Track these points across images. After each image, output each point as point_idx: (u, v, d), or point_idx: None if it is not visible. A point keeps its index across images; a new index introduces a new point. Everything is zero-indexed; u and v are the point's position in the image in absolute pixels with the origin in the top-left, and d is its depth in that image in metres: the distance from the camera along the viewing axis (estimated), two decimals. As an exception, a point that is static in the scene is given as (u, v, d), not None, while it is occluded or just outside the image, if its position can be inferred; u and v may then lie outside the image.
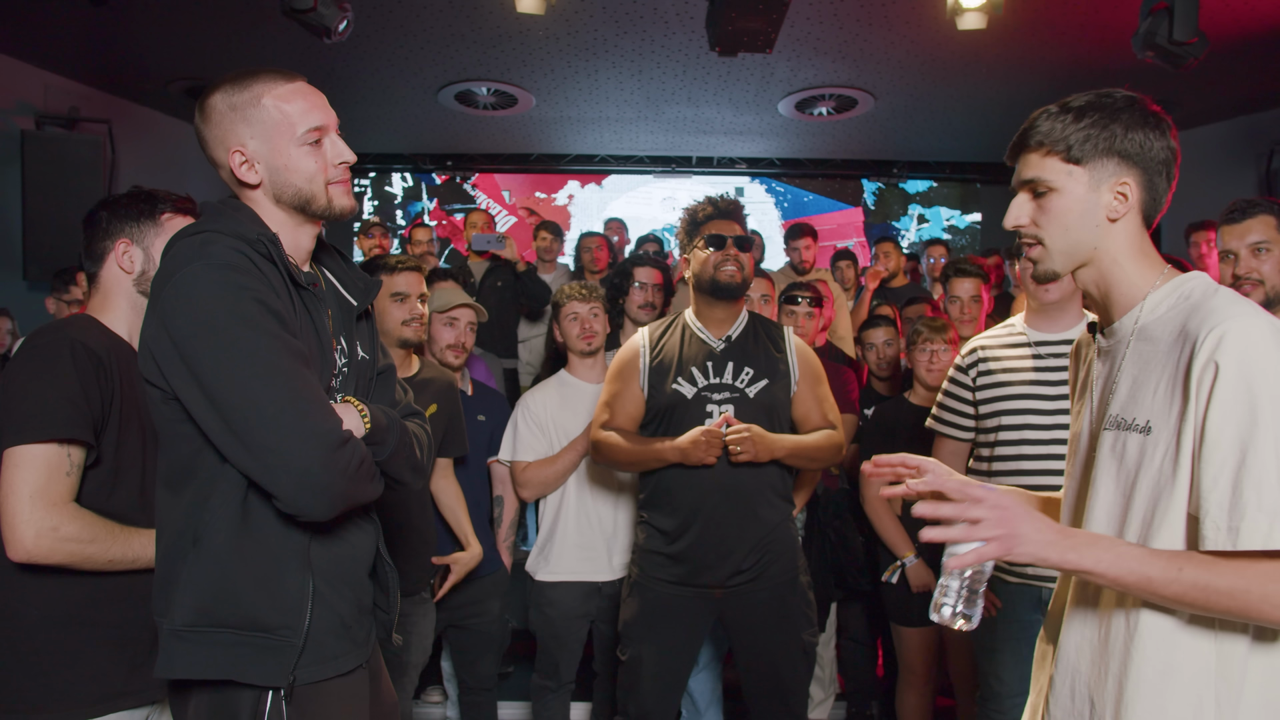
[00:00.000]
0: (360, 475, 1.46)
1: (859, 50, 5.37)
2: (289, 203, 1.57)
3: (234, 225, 1.50)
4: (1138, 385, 1.37)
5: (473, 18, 4.96)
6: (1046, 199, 1.42)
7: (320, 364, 1.55)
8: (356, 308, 1.72)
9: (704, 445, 2.50)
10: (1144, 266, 1.42)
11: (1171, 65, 3.63)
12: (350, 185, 1.62)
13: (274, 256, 1.50)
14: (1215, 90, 5.83)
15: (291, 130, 1.54)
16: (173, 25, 4.97)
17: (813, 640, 2.70)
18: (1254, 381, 1.22)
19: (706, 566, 2.58)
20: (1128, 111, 1.40)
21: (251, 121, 1.53)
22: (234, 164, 1.54)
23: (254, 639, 1.45)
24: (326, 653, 1.52)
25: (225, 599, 1.45)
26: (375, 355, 1.76)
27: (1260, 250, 2.34)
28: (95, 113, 5.76)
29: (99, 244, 1.91)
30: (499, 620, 3.16)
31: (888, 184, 8.67)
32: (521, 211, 8.63)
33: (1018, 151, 1.47)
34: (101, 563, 1.72)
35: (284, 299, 1.49)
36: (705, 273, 2.67)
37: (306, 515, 1.43)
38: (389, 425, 1.59)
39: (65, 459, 1.69)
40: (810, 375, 2.74)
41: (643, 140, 7.59)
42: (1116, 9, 4.53)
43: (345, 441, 1.43)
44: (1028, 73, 5.61)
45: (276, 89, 1.54)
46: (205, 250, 1.43)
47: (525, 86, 6.15)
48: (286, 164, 1.54)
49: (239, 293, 1.40)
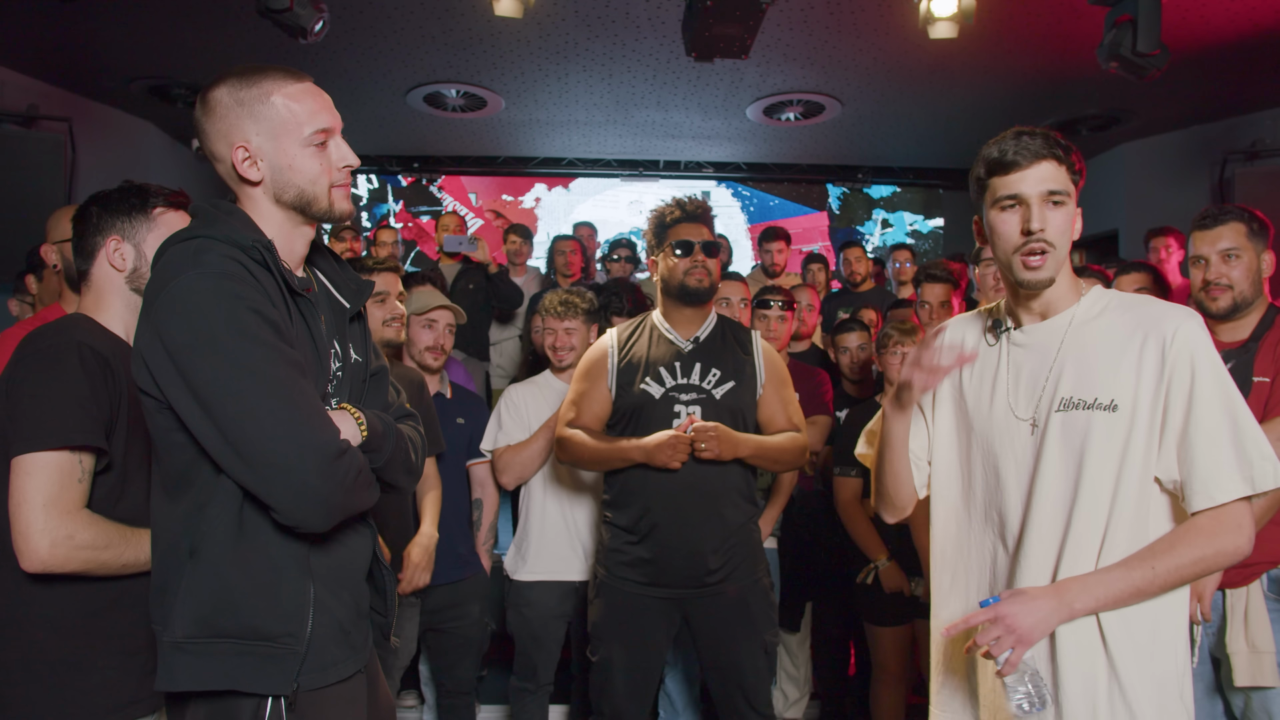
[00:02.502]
0: (358, 485, 1.46)
1: (828, 57, 5.44)
2: (290, 203, 1.54)
3: (228, 231, 1.47)
4: (1091, 371, 1.57)
5: (444, 19, 4.94)
6: (1059, 211, 1.58)
7: (316, 371, 1.53)
8: (349, 310, 1.70)
9: (669, 449, 2.51)
10: (1074, 278, 1.67)
11: (1135, 76, 3.72)
12: (350, 190, 1.60)
13: (269, 263, 1.47)
14: (1171, 100, 5.99)
15: (299, 130, 1.51)
16: (136, 22, 4.88)
17: (774, 640, 2.74)
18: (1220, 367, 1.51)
19: (672, 567, 2.60)
20: None
21: (258, 118, 1.50)
22: (236, 159, 1.51)
23: (256, 648, 1.44)
24: (327, 659, 1.51)
25: (225, 609, 1.43)
26: (368, 357, 1.74)
27: (1230, 256, 2.41)
28: (54, 110, 5.63)
29: (90, 240, 1.87)
30: (478, 623, 3.15)
31: (852, 189, 8.78)
32: (488, 214, 8.61)
33: (1033, 160, 1.57)
34: (115, 568, 1.70)
35: (280, 307, 1.46)
36: (673, 278, 2.70)
37: (305, 527, 1.42)
38: (385, 432, 1.57)
39: (77, 465, 1.66)
40: (776, 378, 2.77)
41: (611, 144, 7.60)
42: (1080, 21, 4.63)
43: (343, 453, 1.42)
44: (993, 82, 5.71)
45: (286, 87, 1.52)
46: (199, 258, 1.41)
47: (495, 89, 6.13)
48: (291, 164, 1.52)
49: (235, 303, 1.38)
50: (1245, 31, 4.83)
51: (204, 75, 5.86)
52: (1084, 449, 1.55)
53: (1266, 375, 2.37)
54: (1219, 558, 1.48)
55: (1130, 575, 1.48)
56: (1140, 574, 1.47)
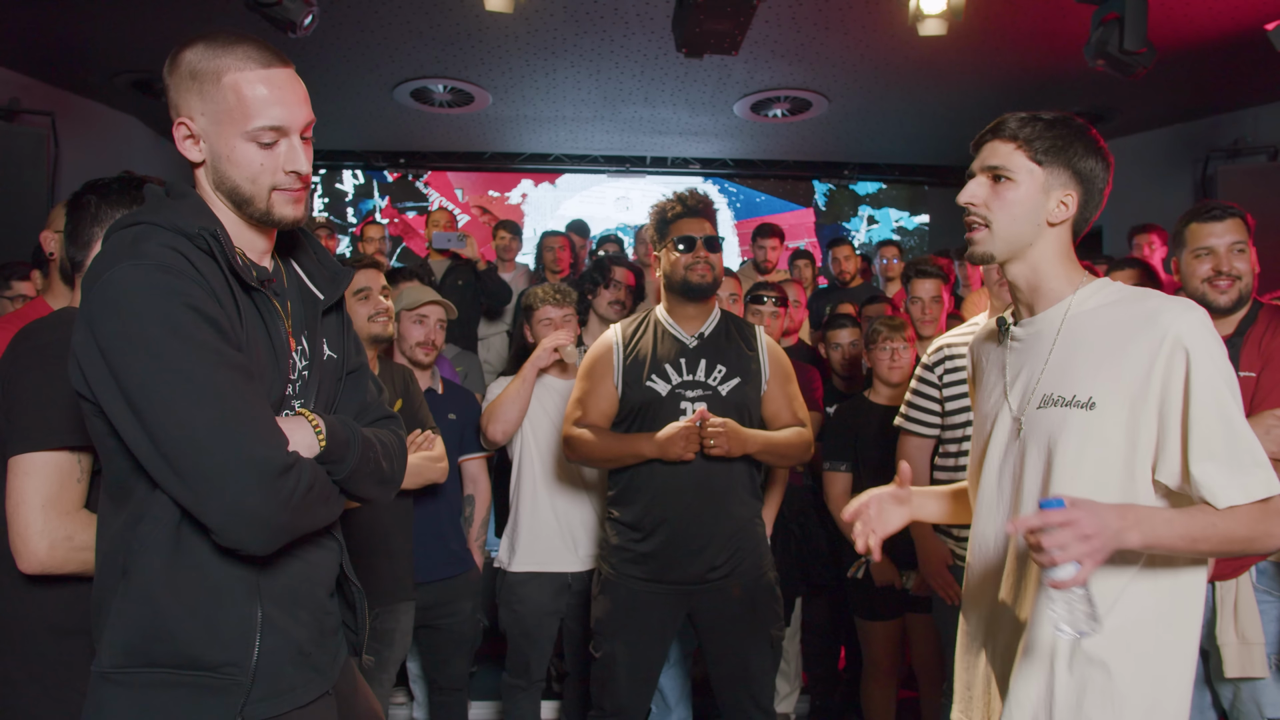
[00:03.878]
0: (307, 503, 1.31)
1: (815, 54, 5.45)
2: (226, 196, 1.41)
3: (173, 217, 1.33)
4: (1075, 366, 1.53)
5: (432, 15, 4.92)
6: (1004, 187, 1.58)
7: (271, 373, 1.41)
8: (323, 302, 1.57)
9: (682, 440, 2.52)
10: (1070, 269, 1.61)
11: (1121, 74, 3.76)
12: (301, 195, 1.44)
13: (216, 253, 1.34)
14: (1155, 98, 6.04)
15: (244, 121, 1.36)
16: (119, 15, 4.84)
17: (779, 635, 2.75)
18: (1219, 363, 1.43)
19: (678, 563, 2.60)
20: (1086, 137, 1.59)
21: (206, 97, 1.36)
22: (177, 134, 1.39)
23: (194, 679, 1.31)
24: (283, 685, 1.39)
25: (158, 635, 1.30)
26: (345, 352, 1.62)
27: (1236, 249, 2.43)
28: (36, 104, 5.58)
29: (87, 230, 1.81)
30: (471, 620, 3.15)
31: (838, 185, 8.81)
32: (475, 210, 8.58)
33: (986, 139, 1.62)
34: None
35: (226, 302, 1.33)
36: (676, 274, 2.70)
37: (245, 550, 1.28)
38: (349, 439, 1.43)
39: (76, 465, 1.62)
40: (780, 373, 2.78)
41: (598, 140, 7.60)
42: (1066, 19, 4.66)
43: (288, 468, 1.27)
44: (979, 79, 5.75)
45: (247, 71, 1.37)
46: (137, 247, 1.28)
47: (482, 85, 6.12)
48: (229, 155, 1.38)
49: (170, 298, 1.24)
50: (1228, 30, 4.88)
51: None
52: (1053, 447, 1.52)
53: (1252, 370, 2.39)
54: (1265, 539, 1.42)
55: (1190, 526, 1.40)
56: (1199, 527, 1.39)
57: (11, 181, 5.19)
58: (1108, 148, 1.62)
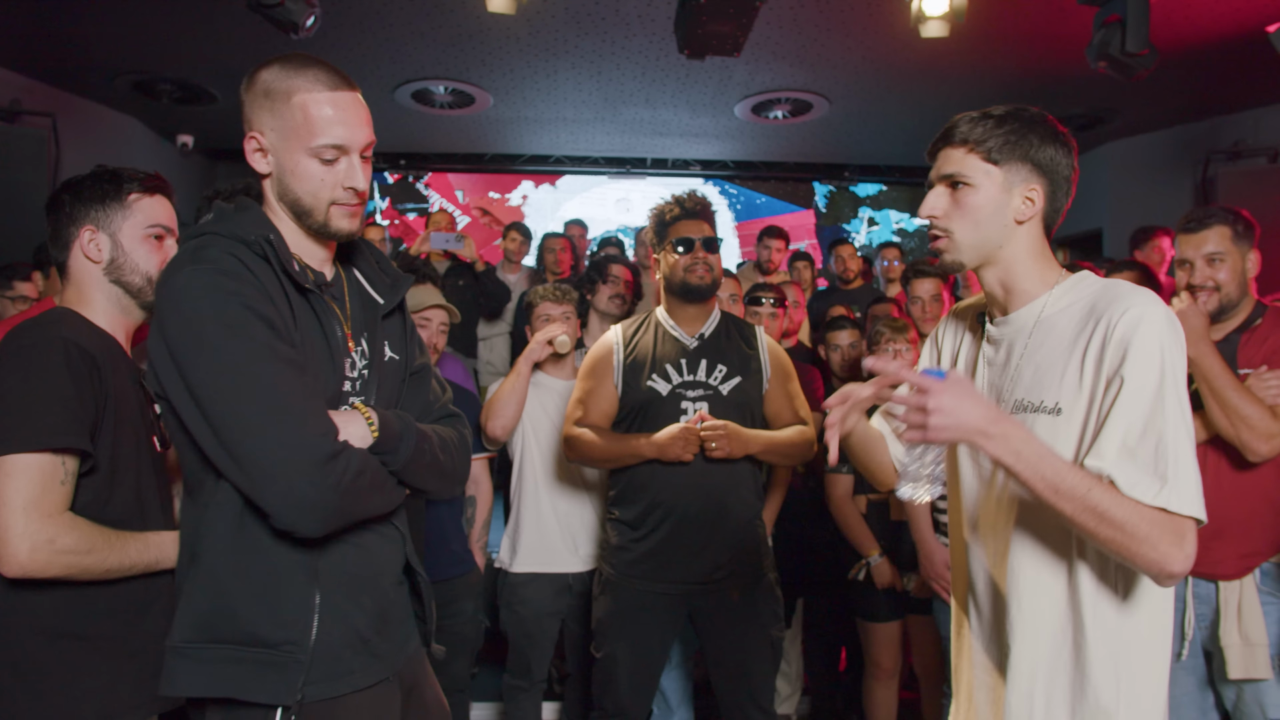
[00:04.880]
0: (357, 489, 1.39)
1: (816, 56, 5.45)
2: (289, 207, 1.53)
3: (233, 227, 1.45)
4: (1044, 371, 1.49)
5: (434, 16, 4.92)
6: (963, 194, 1.53)
7: (326, 368, 1.49)
8: (383, 306, 1.66)
9: (681, 442, 2.53)
10: (1044, 266, 1.56)
11: (1123, 75, 3.76)
12: (358, 210, 1.55)
13: (271, 258, 1.44)
14: (1155, 100, 6.04)
15: (309, 139, 1.48)
16: (120, 17, 4.83)
17: (780, 636, 2.75)
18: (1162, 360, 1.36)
19: (679, 563, 2.60)
20: (1042, 125, 1.53)
21: (276, 115, 1.48)
22: (248, 147, 1.51)
23: (256, 655, 1.41)
24: (341, 668, 1.47)
25: (223, 614, 1.41)
26: (408, 354, 1.70)
27: (1215, 260, 2.43)
28: (37, 106, 5.58)
29: (64, 231, 1.79)
30: (473, 620, 3.14)
31: (839, 187, 8.81)
32: (475, 211, 8.58)
33: (939, 147, 1.57)
34: (98, 573, 1.64)
35: (280, 303, 1.43)
36: (675, 275, 2.70)
37: (298, 532, 1.37)
38: (402, 432, 1.51)
39: (60, 468, 1.60)
40: (781, 373, 2.78)
41: (598, 141, 7.60)
42: (1068, 21, 4.66)
43: (336, 455, 1.36)
44: (980, 81, 5.75)
45: (314, 93, 1.48)
46: (198, 254, 1.40)
47: (483, 86, 6.11)
48: (294, 169, 1.50)
49: (225, 299, 1.36)
50: (1229, 32, 4.88)
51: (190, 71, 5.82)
52: None
53: (1251, 368, 2.40)
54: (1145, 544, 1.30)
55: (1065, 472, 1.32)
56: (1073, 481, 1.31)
57: (12, 182, 5.19)
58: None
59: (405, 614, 1.65)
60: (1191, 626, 2.42)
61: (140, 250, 1.82)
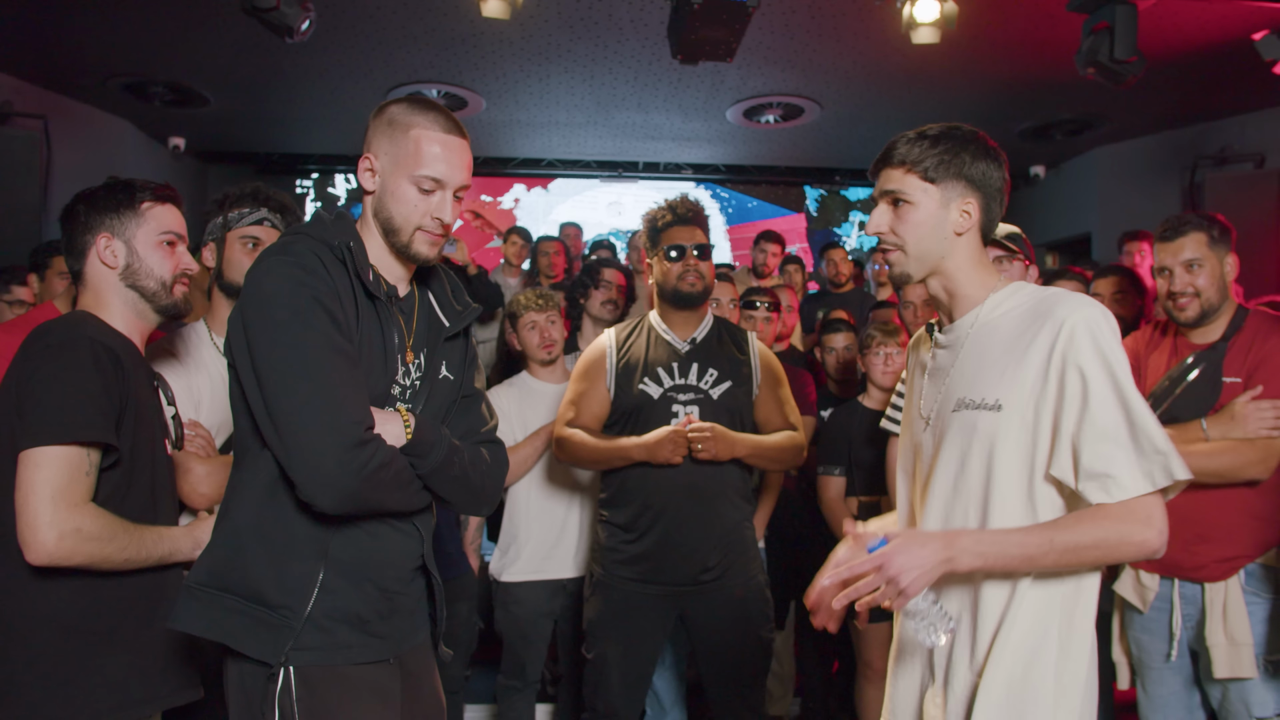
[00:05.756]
0: (379, 479, 1.50)
1: (808, 60, 5.49)
2: (380, 224, 1.67)
3: (321, 231, 1.62)
4: (984, 370, 1.57)
5: (427, 19, 4.94)
6: (904, 210, 1.62)
7: (378, 369, 1.62)
8: (448, 329, 1.79)
9: (670, 444, 2.55)
10: (982, 275, 1.64)
11: (1112, 82, 3.80)
12: (439, 240, 1.68)
13: (348, 263, 1.59)
14: (1144, 106, 6.10)
15: (414, 167, 1.62)
16: (113, 18, 4.83)
17: (770, 638, 2.77)
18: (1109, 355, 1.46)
19: (669, 565, 2.63)
20: (974, 144, 1.62)
21: (393, 141, 1.63)
22: (361, 165, 1.67)
23: (256, 611, 1.53)
24: (338, 640, 1.57)
25: (236, 567, 1.55)
26: (464, 378, 1.83)
27: (1193, 266, 2.46)
28: (29, 107, 5.56)
29: (79, 239, 1.86)
30: (466, 623, 3.16)
31: (830, 191, 8.85)
32: (467, 215, 8.59)
33: (880, 167, 1.67)
34: (118, 562, 1.71)
35: (347, 302, 1.57)
36: (667, 282, 2.73)
37: (317, 506, 1.48)
38: (436, 441, 1.62)
39: (85, 460, 1.67)
40: (772, 378, 2.81)
41: (590, 145, 7.62)
42: (1057, 27, 4.71)
43: (365, 442, 1.47)
44: (970, 86, 5.79)
45: (430, 132, 1.64)
46: (286, 247, 1.57)
47: (476, 89, 6.13)
48: (394, 191, 1.64)
49: (298, 288, 1.50)
50: (1215, 39, 4.93)
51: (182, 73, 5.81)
52: (967, 450, 1.56)
53: (1237, 376, 2.42)
54: (1122, 546, 1.44)
55: (1026, 540, 1.45)
56: (1036, 541, 1.44)
57: (4, 185, 5.18)
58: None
59: (416, 607, 1.75)
60: (1179, 627, 2.45)
61: (154, 256, 1.89)
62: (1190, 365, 2.48)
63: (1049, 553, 1.44)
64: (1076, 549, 1.43)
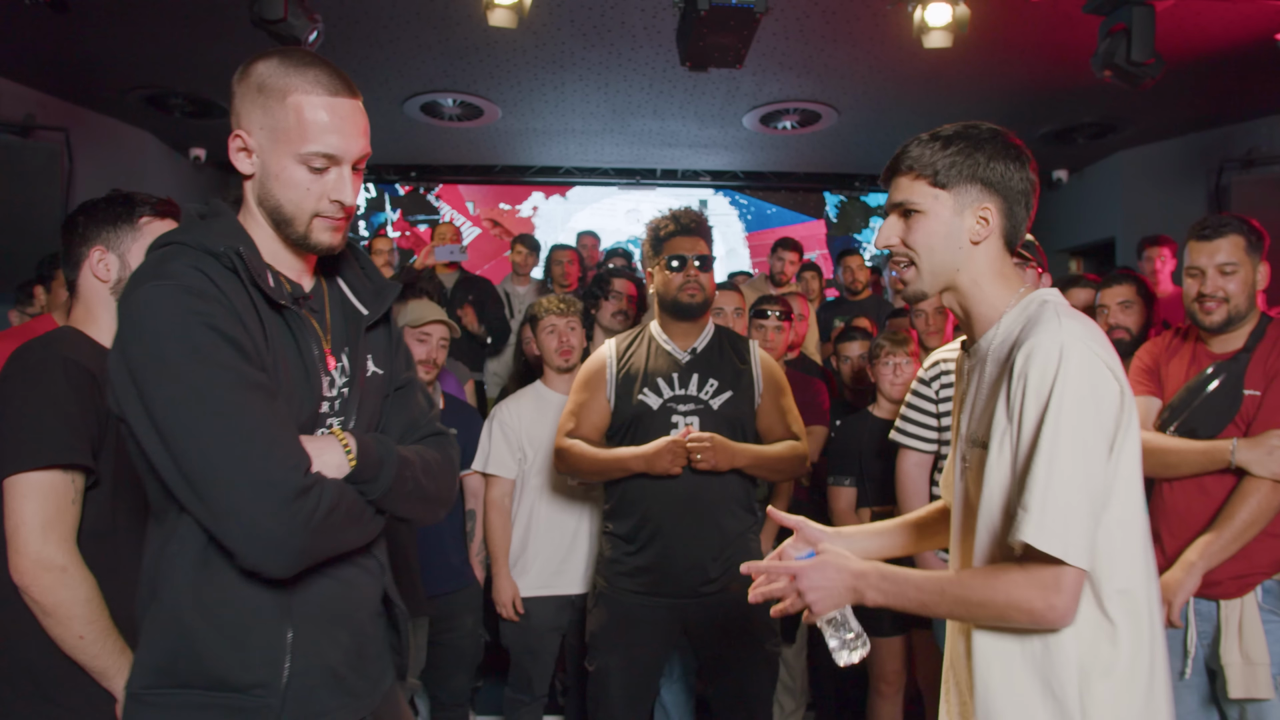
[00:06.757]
0: (330, 525, 1.28)
1: (824, 66, 5.44)
2: (268, 214, 1.41)
3: (201, 237, 1.33)
4: (981, 404, 1.48)
5: (440, 29, 4.95)
6: (915, 220, 1.50)
7: (301, 391, 1.39)
8: (367, 318, 1.54)
9: (669, 455, 2.52)
10: (1001, 288, 1.50)
11: (1129, 84, 3.73)
12: (342, 224, 1.44)
13: (240, 272, 1.33)
14: (1167, 108, 5.99)
15: (300, 143, 1.36)
16: (133, 31, 4.89)
17: (776, 650, 2.73)
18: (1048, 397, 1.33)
19: (671, 576, 2.59)
20: (991, 143, 1.48)
21: (268, 113, 1.36)
22: (232, 145, 1.40)
23: (224, 700, 1.31)
24: (315, 708, 1.38)
25: (186, 656, 1.31)
26: (393, 368, 1.59)
27: (1227, 270, 2.38)
28: (52, 120, 5.65)
29: (75, 250, 1.84)
30: (472, 635, 3.14)
31: (849, 197, 8.79)
32: (486, 223, 8.61)
33: (890, 176, 1.55)
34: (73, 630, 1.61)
35: (250, 321, 1.32)
36: (668, 293, 2.70)
37: (265, 573, 1.27)
38: (382, 458, 1.40)
39: (70, 486, 1.63)
40: (774, 387, 2.77)
41: (608, 152, 7.61)
42: (1075, 30, 4.63)
43: (305, 490, 1.25)
44: (988, 90, 5.72)
45: (311, 95, 1.36)
46: (163, 268, 1.29)
47: (491, 98, 6.14)
48: (278, 174, 1.38)
49: (188, 318, 1.24)
50: (1240, 39, 4.83)
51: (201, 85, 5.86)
52: (970, 487, 1.49)
53: (1257, 389, 2.35)
54: (1009, 610, 1.32)
55: (922, 589, 1.42)
56: (929, 592, 1.41)
57: (27, 197, 5.24)
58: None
59: (382, 648, 1.56)
60: (1194, 644, 2.38)
61: None
62: (1210, 376, 2.42)
63: (940, 602, 1.41)
64: (965, 603, 1.38)
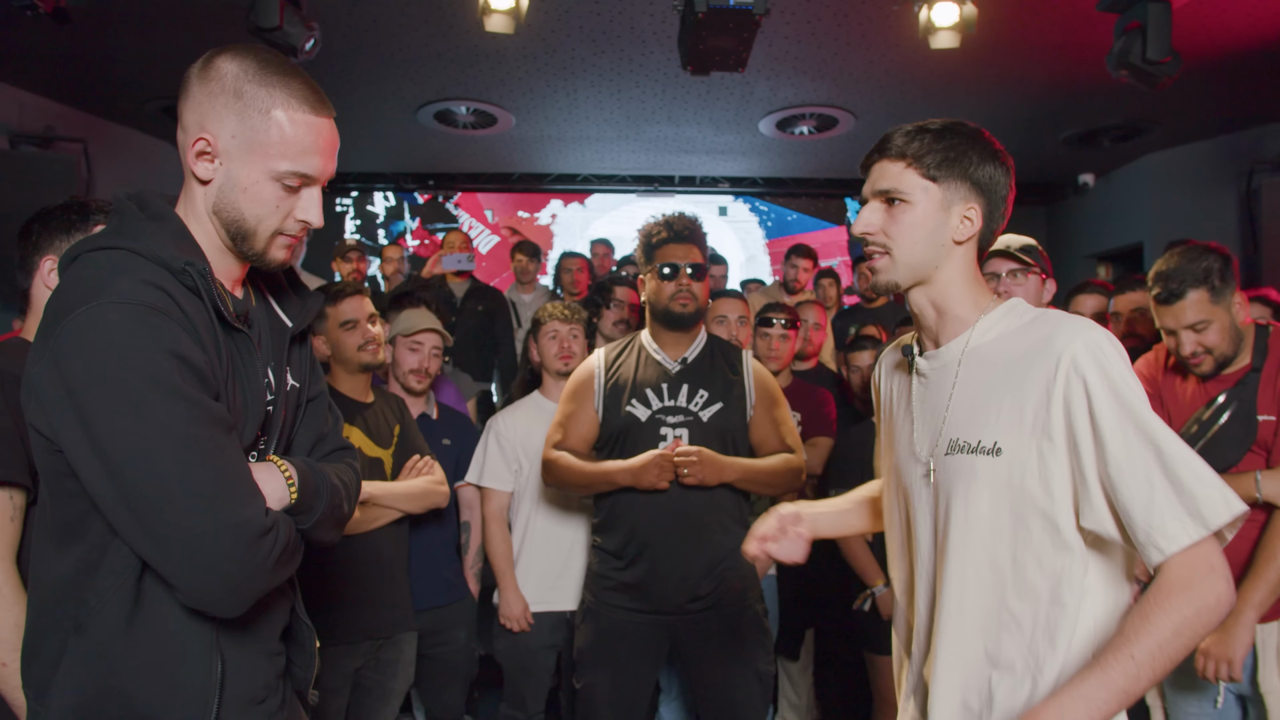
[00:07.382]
0: (280, 563, 1.26)
1: (838, 69, 5.36)
2: (224, 225, 1.33)
3: (155, 245, 1.24)
4: (978, 407, 1.38)
5: (448, 37, 4.93)
6: (899, 210, 1.43)
7: (247, 417, 1.34)
8: (290, 329, 1.48)
9: (655, 469, 2.45)
10: (976, 292, 1.47)
11: (1146, 84, 3.62)
12: (298, 243, 1.40)
13: (202, 291, 1.26)
14: (1195, 110, 5.84)
15: (278, 160, 1.30)
16: (149, 43, 4.92)
17: (769, 669, 2.65)
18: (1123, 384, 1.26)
19: (660, 593, 2.53)
20: (981, 143, 1.45)
21: (246, 121, 1.29)
22: (191, 146, 1.29)
23: None
24: None
25: (112, 696, 1.24)
26: (307, 381, 1.54)
27: (1199, 328, 2.28)
28: (71, 131, 5.70)
29: (29, 258, 1.80)
30: (466, 649, 3.10)
31: (871, 203, 8.67)
32: (505, 231, 8.60)
33: (874, 159, 1.48)
34: None
35: (209, 345, 1.26)
36: (659, 301, 2.63)
37: (212, 611, 1.24)
38: (318, 489, 1.37)
39: (9, 503, 1.59)
40: (767, 399, 2.68)
41: (624, 159, 7.57)
42: (1090, 29, 4.52)
43: (266, 531, 1.22)
44: (1005, 91, 5.60)
45: (297, 112, 1.30)
46: (115, 282, 1.18)
47: (504, 106, 6.12)
48: (247, 187, 1.30)
49: (153, 345, 1.16)
50: (1269, 37, 4.69)
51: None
52: (966, 498, 1.37)
53: (1271, 414, 2.24)
54: (1200, 617, 1.19)
55: (1108, 677, 1.19)
56: (1120, 671, 1.18)
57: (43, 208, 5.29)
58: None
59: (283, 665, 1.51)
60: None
61: None
62: (1221, 406, 2.30)
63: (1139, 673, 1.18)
64: (1162, 648, 1.18)
